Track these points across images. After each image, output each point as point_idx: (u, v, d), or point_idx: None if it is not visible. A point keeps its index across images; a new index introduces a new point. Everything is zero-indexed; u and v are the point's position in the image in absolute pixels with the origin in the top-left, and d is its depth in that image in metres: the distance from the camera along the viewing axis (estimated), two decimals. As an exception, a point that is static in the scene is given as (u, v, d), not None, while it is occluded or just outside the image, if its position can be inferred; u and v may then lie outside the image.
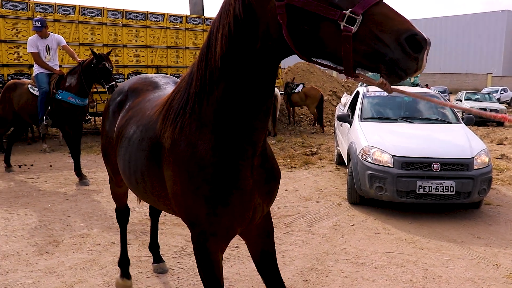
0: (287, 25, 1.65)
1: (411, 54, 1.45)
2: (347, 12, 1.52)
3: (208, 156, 2.02)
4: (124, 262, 3.68)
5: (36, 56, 7.45)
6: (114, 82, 7.26)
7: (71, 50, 7.94)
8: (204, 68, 1.99)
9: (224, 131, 1.99)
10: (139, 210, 5.66)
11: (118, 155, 2.79)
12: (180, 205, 2.16)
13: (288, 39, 1.67)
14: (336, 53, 1.58)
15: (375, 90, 7.60)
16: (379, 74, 1.55)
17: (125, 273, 3.66)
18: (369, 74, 1.76)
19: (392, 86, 1.56)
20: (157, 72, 13.54)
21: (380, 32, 1.49)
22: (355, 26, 1.51)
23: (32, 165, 8.60)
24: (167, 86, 3.06)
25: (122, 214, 3.70)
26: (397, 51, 1.46)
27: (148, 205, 3.97)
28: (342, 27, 1.52)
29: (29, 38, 7.65)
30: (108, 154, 3.22)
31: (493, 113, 1.71)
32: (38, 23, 7.38)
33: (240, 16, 1.82)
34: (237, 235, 2.25)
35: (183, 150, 2.07)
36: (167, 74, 13.73)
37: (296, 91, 14.47)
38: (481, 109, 18.94)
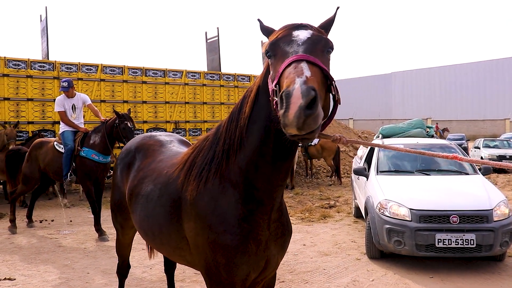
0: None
1: (277, 111, 1.65)
2: (272, 85, 1.80)
3: (229, 209, 2.15)
4: None
5: (63, 115, 7.80)
6: None
7: (96, 108, 8.31)
8: (234, 128, 2.17)
9: (246, 187, 2.13)
10: (157, 267, 5.68)
11: (134, 212, 2.94)
12: (200, 255, 2.27)
13: (274, 111, 1.90)
14: None
15: (391, 144, 7.67)
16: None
17: None
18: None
19: (347, 139, 1.78)
20: (175, 127, 13.87)
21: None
22: (277, 96, 1.73)
23: (52, 220, 8.76)
24: (171, 144, 3.25)
25: (123, 271, 3.96)
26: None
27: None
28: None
29: (57, 98, 8.06)
30: (120, 205, 3.39)
31: (445, 154, 1.82)
32: (65, 84, 7.77)
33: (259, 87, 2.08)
34: None
35: (207, 203, 2.20)
36: (185, 129, 14.12)
37: (312, 143, 14.57)
38: (500, 156, 18.68)
